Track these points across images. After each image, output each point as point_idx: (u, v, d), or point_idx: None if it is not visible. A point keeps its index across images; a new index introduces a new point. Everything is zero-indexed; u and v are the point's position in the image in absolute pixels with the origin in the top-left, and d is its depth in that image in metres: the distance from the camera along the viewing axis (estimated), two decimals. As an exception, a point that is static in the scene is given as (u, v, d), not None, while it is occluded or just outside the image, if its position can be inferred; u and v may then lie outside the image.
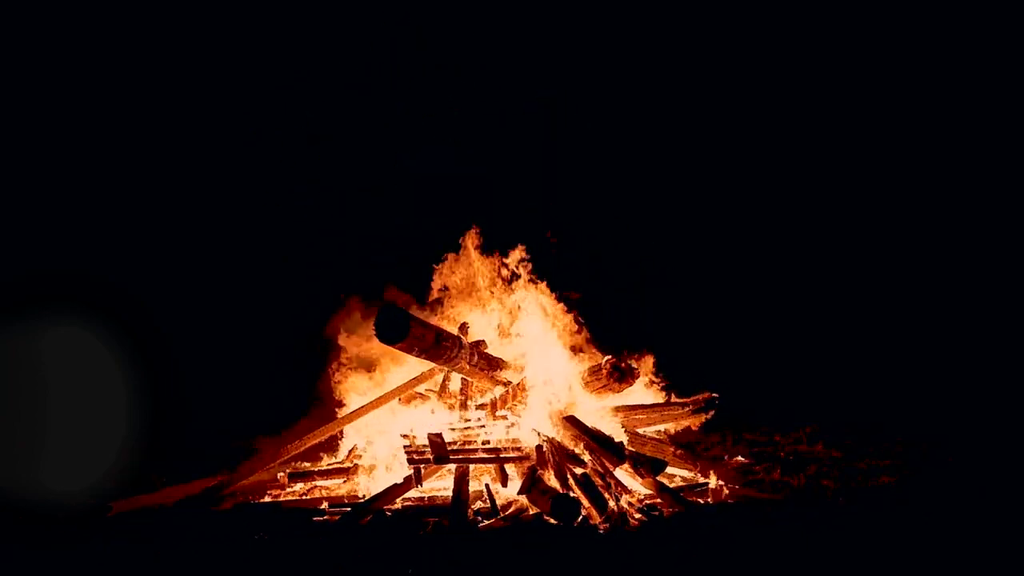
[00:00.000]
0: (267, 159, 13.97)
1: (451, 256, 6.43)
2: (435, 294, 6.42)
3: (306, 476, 6.42)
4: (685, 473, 6.24)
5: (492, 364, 5.94)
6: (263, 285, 13.25)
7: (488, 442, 5.47)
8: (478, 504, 5.44)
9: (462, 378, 5.98)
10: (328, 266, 12.24)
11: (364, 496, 5.80)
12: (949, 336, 12.37)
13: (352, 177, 13.70)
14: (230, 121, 13.86)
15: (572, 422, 5.59)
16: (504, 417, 5.59)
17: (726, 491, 5.75)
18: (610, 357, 6.22)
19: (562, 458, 5.38)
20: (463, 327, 6.06)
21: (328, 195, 13.72)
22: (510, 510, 5.27)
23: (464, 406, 5.89)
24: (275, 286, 13.18)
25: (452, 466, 5.52)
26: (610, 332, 6.33)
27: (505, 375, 5.99)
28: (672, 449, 6.04)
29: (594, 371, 6.13)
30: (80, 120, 13.11)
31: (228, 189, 13.82)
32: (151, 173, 13.69)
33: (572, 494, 5.10)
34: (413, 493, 5.65)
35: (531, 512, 5.19)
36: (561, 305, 6.26)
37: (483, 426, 5.55)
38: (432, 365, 5.91)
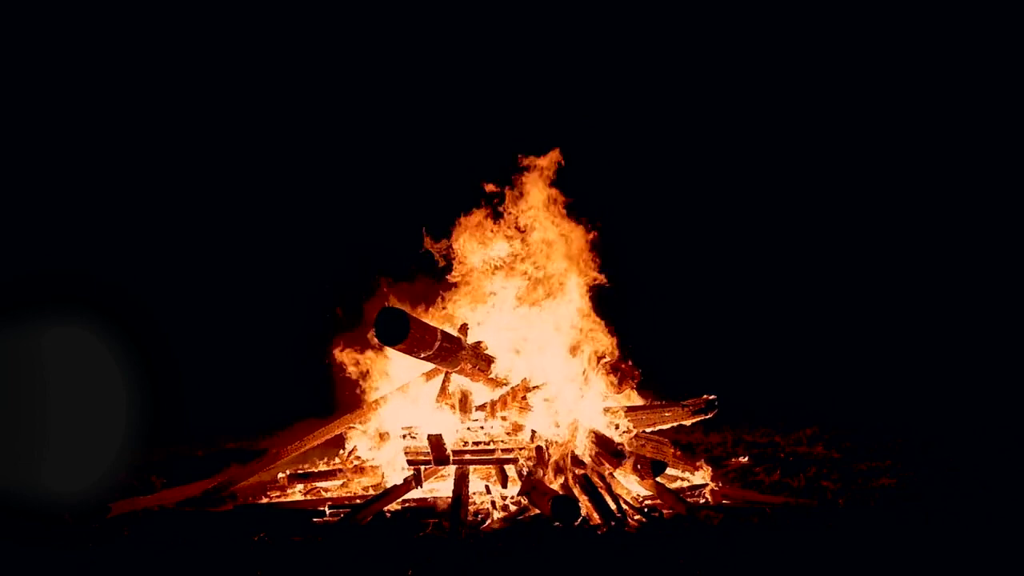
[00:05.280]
0: (264, 155, 13.97)
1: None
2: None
3: (306, 477, 6.41)
4: (685, 474, 6.24)
5: (492, 365, 5.93)
6: (263, 284, 13.25)
7: (488, 443, 5.47)
8: (478, 505, 5.43)
9: (462, 379, 5.97)
10: (328, 266, 12.24)
11: (364, 497, 5.80)
12: (949, 337, 12.38)
13: (351, 171, 13.69)
14: (229, 120, 13.86)
15: (572, 423, 5.58)
16: (504, 418, 5.58)
17: (726, 492, 5.75)
18: (610, 358, 6.22)
19: (562, 459, 5.38)
20: (463, 328, 6.05)
21: (328, 190, 13.71)
22: (510, 511, 5.27)
23: (464, 407, 5.88)
24: (275, 284, 13.18)
25: (452, 467, 5.52)
26: (610, 332, 6.32)
27: (505, 375, 5.98)
28: (672, 450, 6.04)
29: (594, 372, 6.13)
30: (79, 121, 13.11)
31: (226, 188, 13.82)
32: (149, 173, 13.70)
33: (572, 495, 5.10)
34: (413, 494, 5.64)
35: (531, 513, 5.19)
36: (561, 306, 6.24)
37: (483, 427, 5.54)
38: (432, 366, 5.90)
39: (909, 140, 14.05)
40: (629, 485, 5.58)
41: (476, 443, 5.49)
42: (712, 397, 6.23)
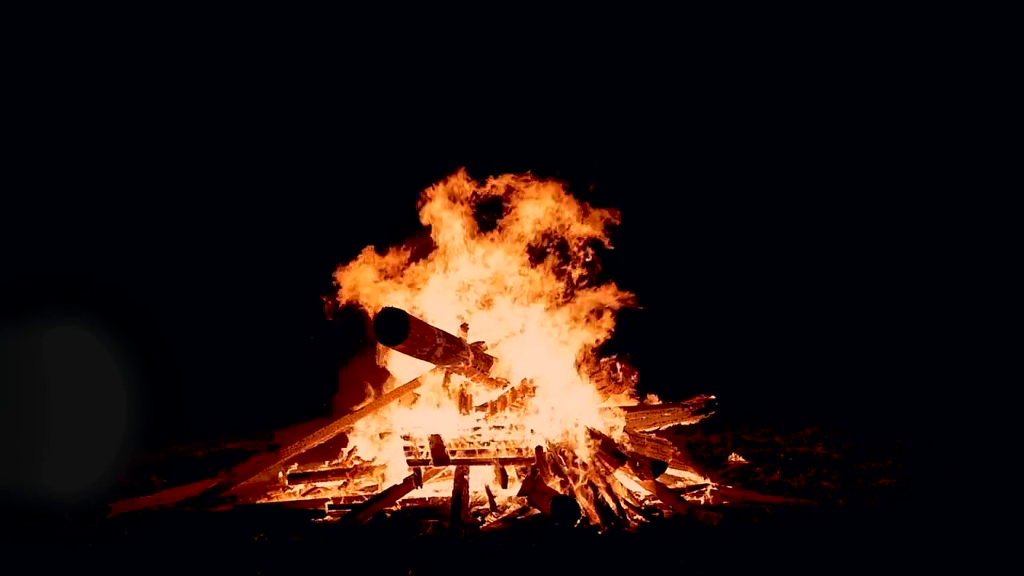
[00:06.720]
0: (263, 153, 13.94)
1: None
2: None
3: (306, 477, 6.41)
4: (685, 474, 6.24)
5: (492, 365, 5.93)
6: (263, 283, 13.24)
7: (488, 443, 5.47)
8: (478, 506, 5.44)
9: (462, 379, 5.97)
10: (328, 263, 12.21)
11: (364, 497, 5.80)
12: (948, 337, 12.37)
13: (352, 166, 13.66)
14: (228, 119, 13.86)
15: (572, 423, 5.58)
16: (504, 418, 5.58)
17: (726, 492, 5.75)
18: (609, 358, 6.23)
19: (562, 459, 5.38)
20: (464, 327, 6.05)
21: (328, 185, 13.67)
22: (510, 511, 5.27)
23: (464, 407, 5.88)
24: (275, 283, 13.17)
25: (452, 467, 5.52)
26: (610, 333, 6.32)
27: (505, 376, 5.98)
28: (672, 450, 6.04)
29: (594, 372, 6.14)
30: (78, 121, 13.11)
31: (226, 187, 13.81)
32: (149, 173, 13.69)
33: (572, 495, 5.10)
34: (413, 494, 5.65)
35: (531, 513, 5.19)
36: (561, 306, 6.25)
37: (483, 427, 5.55)
38: (432, 366, 5.90)
39: (908, 141, 14.05)
40: (629, 485, 5.59)
41: (476, 443, 5.49)
42: (711, 397, 6.25)
